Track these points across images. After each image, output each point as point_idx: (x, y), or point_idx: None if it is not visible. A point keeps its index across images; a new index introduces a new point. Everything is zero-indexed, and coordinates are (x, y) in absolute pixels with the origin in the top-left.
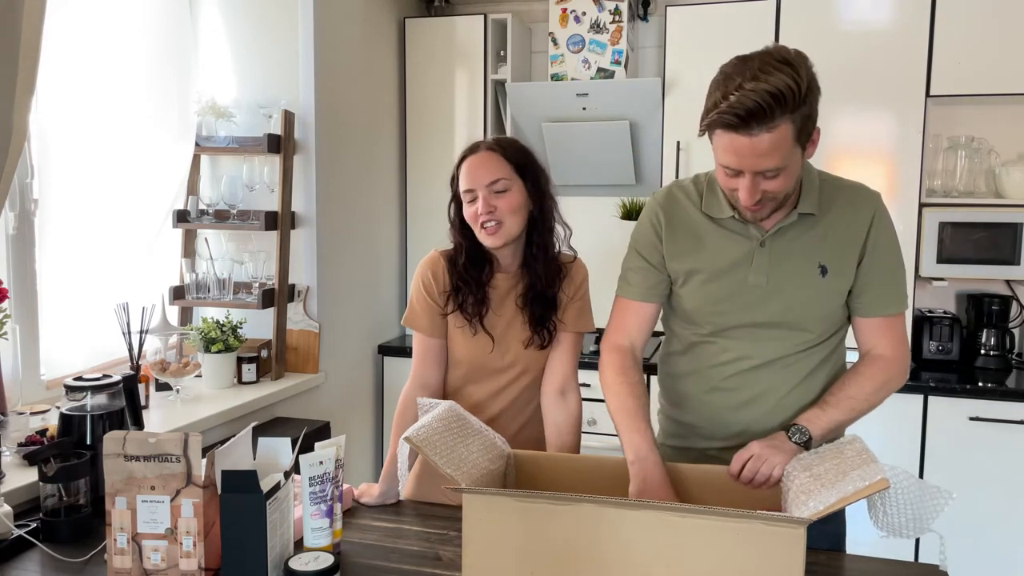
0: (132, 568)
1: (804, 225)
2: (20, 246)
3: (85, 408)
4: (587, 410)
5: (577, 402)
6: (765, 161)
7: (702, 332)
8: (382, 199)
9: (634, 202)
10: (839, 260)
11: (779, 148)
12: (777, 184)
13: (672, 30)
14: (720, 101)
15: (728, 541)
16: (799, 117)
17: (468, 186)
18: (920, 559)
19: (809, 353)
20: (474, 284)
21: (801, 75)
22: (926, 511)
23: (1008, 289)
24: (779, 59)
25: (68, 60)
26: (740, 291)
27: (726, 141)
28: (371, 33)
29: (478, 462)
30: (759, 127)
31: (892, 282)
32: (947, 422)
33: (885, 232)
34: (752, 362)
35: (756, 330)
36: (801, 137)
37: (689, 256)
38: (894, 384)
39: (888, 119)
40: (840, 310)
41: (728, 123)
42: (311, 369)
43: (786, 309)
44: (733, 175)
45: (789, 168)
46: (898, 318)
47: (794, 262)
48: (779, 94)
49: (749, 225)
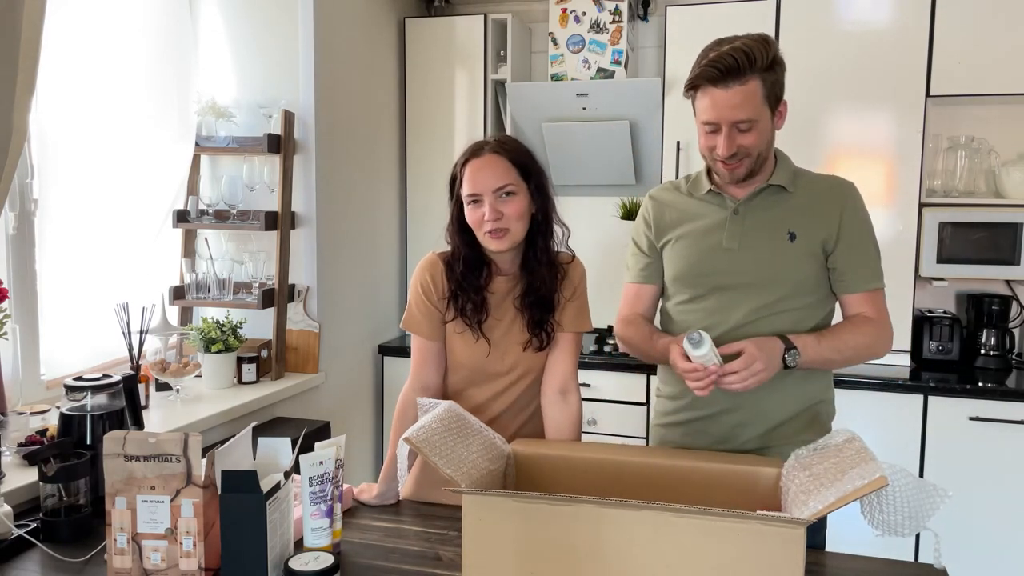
0: (132, 568)
1: (777, 197)
2: (20, 246)
3: (85, 408)
4: (587, 410)
5: (577, 402)
6: (738, 112)
7: (683, 298)
8: (382, 199)
9: (634, 202)
10: (808, 229)
11: (750, 101)
12: (750, 139)
13: (672, 30)
14: (702, 61)
15: (728, 541)
16: (768, 80)
17: (474, 191)
18: (920, 559)
19: (784, 316)
20: (473, 290)
21: (770, 47)
22: (923, 509)
23: (1008, 289)
24: (750, 37)
25: (68, 60)
26: (715, 254)
27: (707, 99)
28: (371, 33)
29: (478, 462)
30: (734, 81)
31: (870, 261)
32: (947, 422)
33: (859, 215)
34: (729, 323)
35: (731, 292)
36: (770, 99)
37: (672, 228)
38: (880, 347)
39: (888, 119)
40: (812, 278)
41: (708, 76)
42: (311, 369)
43: (756, 269)
44: (712, 131)
45: (760, 124)
46: (879, 292)
47: (765, 229)
48: (751, 53)
49: (725, 197)
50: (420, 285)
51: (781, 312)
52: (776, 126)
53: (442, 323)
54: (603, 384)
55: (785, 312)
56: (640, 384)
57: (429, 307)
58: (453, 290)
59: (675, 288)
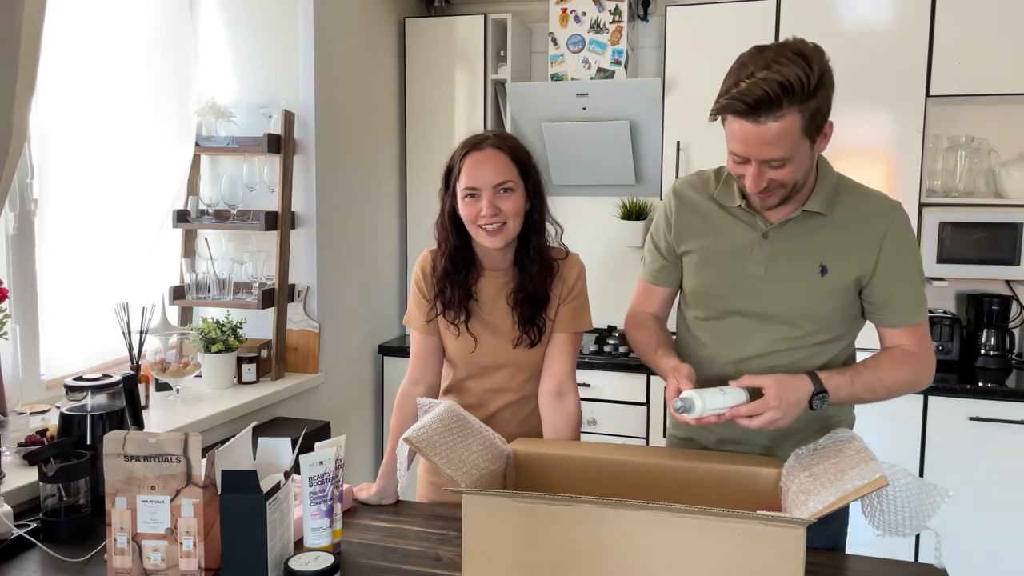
0: (132, 568)
1: (811, 223)
2: (20, 246)
3: (85, 408)
4: (587, 410)
5: (575, 403)
6: (770, 150)
7: (700, 315)
8: (382, 199)
9: (634, 202)
10: (841, 263)
11: (785, 138)
12: (783, 174)
13: (672, 30)
14: (732, 87)
15: (728, 542)
16: (807, 110)
17: (472, 184)
18: (920, 559)
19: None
20: (459, 287)
21: (813, 68)
22: (923, 509)
23: (1008, 289)
24: (794, 51)
25: (68, 60)
26: (738, 279)
27: (735, 128)
28: (371, 33)
29: (478, 462)
30: (766, 116)
31: (911, 294)
32: (947, 422)
33: (901, 245)
34: (747, 352)
35: (751, 320)
36: (809, 130)
37: (695, 238)
38: (920, 383)
39: (888, 119)
40: (835, 313)
41: (737, 109)
42: (311, 369)
43: (781, 301)
44: (740, 162)
45: (795, 159)
46: (922, 325)
47: (795, 258)
48: (788, 85)
49: (756, 216)
50: (415, 281)
51: (803, 346)
52: (818, 149)
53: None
54: (603, 384)
55: (807, 346)
56: (640, 384)
57: (423, 302)
58: (440, 286)
59: (693, 301)
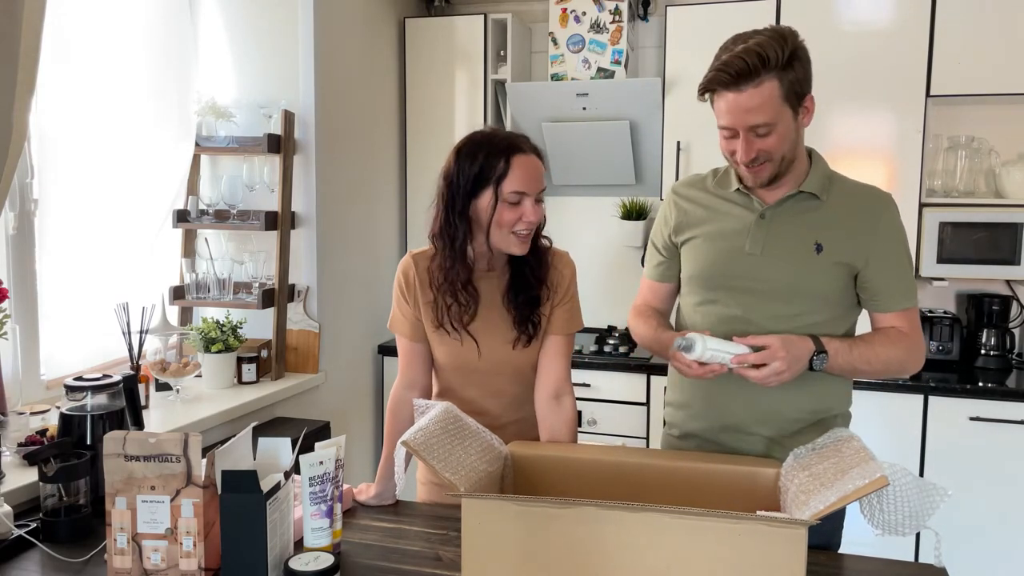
0: (132, 568)
1: (806, 205)
2: (20, 246)
3: (85, 408)
4: (587, 410)
5: (572, 405)
6: (754, 116)
7: (699, 299)
8: (382, 199)
9: (634, 202)
10: (836, 243)
11: (768, 103)
12: (770, 143)
13: (672, 30)
14: (715, 63)
15: (729, 543)
16: (786, 78)
17: (524, 188)
18: (920, 558)
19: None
20: (461, 291)
21: (787, 42)
22: (923, 508)
23: (1008, 289)
24: (769, 30)
25: (68, 60)
26: (736, 258)
27: (721, 103)
28: (371, 33)
29: (476, 465)
30: (747, 83)
31: (903, 280)
32: (947, 422)
33: (894, 233)
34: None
35: (749, 298)
36: (790, 97)
37: (694, 226)
38: (911, 364)
39: (888, 119)
40: (835, 292)
41: (720, 80)
42: (311, 369)
43: (777, 278)
44: (730, 135)
45: (779, 127)
46: (913, 310)
47: (791, 237)
48: (764, 55)
49: (753, 199)
50: (397, 286)
51: (801, 324)
52: (802, 124)
53: (420, 324)
54: (603, 384)
55: (805, 324)
56: (640, 384)
57: (407, 308)
58: (447, 292)
59: (690, 288)
